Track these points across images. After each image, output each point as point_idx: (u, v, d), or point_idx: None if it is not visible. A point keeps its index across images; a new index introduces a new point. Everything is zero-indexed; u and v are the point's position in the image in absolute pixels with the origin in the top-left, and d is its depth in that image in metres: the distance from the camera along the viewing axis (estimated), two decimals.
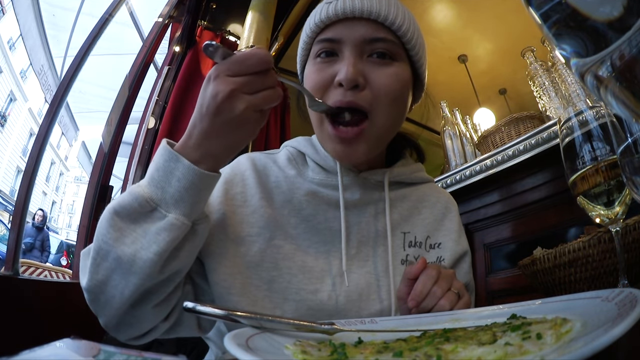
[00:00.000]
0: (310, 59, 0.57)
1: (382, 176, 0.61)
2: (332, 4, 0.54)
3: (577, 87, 1.15)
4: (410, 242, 0.60)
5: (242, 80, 0.41)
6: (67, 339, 0.31)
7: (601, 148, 0.49)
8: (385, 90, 0.53)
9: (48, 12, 9.67)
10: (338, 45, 0.54)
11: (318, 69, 0.55)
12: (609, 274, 0.56)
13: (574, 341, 0.22)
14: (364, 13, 0.52)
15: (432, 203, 0.65)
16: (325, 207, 0.58)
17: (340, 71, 0.52)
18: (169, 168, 0.43)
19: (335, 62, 0.54)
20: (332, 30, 0.54)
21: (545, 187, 1.09)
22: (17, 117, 15.18)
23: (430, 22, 2.58)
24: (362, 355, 0.28)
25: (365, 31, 0.53)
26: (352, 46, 0.53)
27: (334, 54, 0.54)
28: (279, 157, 0.64)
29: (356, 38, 0.53)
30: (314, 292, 0.53)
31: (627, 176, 0.35)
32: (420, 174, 0.67)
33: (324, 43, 0.55)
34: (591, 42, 0.18)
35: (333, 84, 0.53)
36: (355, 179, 0.60)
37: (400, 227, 0.61)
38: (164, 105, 1.75)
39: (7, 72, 13.66)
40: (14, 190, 13.93)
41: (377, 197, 0.61)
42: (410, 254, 0.59)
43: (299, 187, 0.59)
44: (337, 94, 0.52)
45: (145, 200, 0.43)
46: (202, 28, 1.87)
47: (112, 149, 1.38)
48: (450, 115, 1.70)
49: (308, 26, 0.58)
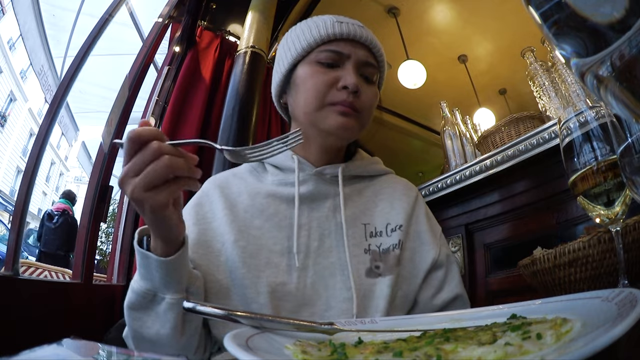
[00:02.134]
0: (309, 62, 0.66)
1: (336, 170, 0.67)
2: (344, 24, 0.65)
3: (577, 87, 1.15)
4: (372, 233, 0.66)
5: (127, 165, 0.44)
6: (67, 339, 0.31)
7: (601, 148, 0.49)
8: (369, 104, 0.67)
9: (48, 12, 9.67)
10: (342, 58, 0.65)
11: (321, 72, 0.64)
12: (609, 274, 0.56)
13: (574, 341, 0.22)
14: (367, 41, 0.66)
15: (389, 193, 0.71)
16: (285, 205, 0.65)
17: (345, 78, 0.63)
18: (145, 264, 0.49)
19: (335, 70, 0.64)
20: (339, 45, 0.65)
21: (545, 187, 1.09)
22: (17, 117, 15.18)
23: (430, 22, 2.58)
24: (362, 355, 0.28)
25: (364, 54, 0.66)
26: (355, 62, 0.65)
27: (335, 65, 0.65)
28: (240, 170, 0.72)
29: (358, 57, 0.65)
30: (282, 284, 0.59)
31: (627, 176, 0.35)
32: (377, 166, 0.75)
33: (330, 53, 0.64)
34: (591, 42, 0.18)
35: (336, 87, 0.63)
36: (311, 175, 0.66)
37: (359, 219, 0.66)
38: (164, 105, 1.75)
39: (7, 72, 13.65)
40: (14, 190, 13.93)
41: (333, 192, 0.67)
42: (372, 244, 0.64)
43: (259, 191, 0.66)
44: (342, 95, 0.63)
45: (144, 292, 0.50)
46: (202, 28, 1.86)
47: (112, 149, 1.38)
48: (450, 115, 1.70)
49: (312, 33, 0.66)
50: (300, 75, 0.66)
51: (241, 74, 1.67)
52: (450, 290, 0.65)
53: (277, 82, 0.71)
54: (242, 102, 1.61)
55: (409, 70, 2.58)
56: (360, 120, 0.65)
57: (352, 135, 0.67)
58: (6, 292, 0.94)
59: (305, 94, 0.64)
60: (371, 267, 0.62)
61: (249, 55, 1.71)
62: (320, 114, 0.64)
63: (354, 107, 0.63)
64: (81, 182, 22.03)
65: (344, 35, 0.64)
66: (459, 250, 1.30)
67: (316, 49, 0.65)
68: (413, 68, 2.57)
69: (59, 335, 0.31)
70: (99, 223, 1.32)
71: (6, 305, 0.92)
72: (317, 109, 0.64)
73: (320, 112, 0.64)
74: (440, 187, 1.35)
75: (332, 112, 0.63)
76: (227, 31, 1.94)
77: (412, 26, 2.55)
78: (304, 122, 0.66)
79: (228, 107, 1.62)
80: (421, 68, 2.57)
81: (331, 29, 0.64)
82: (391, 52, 2.69)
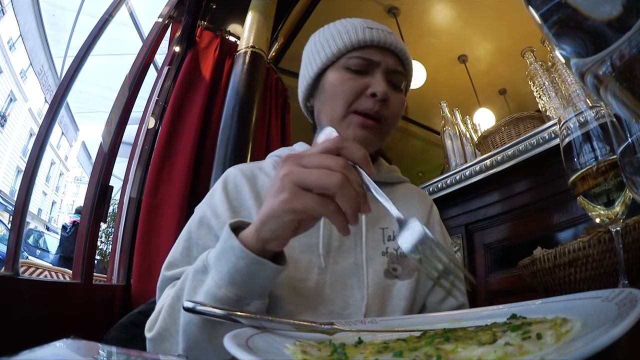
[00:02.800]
0: (338, 67, 0.66)
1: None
2: (374, 31, 0.65)
3: (577, 87, 1.15)
4: (389, 237, 0.66)
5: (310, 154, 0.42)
6: (67, 339, 0.31)
7: (601, 148, 0.49)
8: (396, 111, 0.67)
9: (48, 12, 9.65)
10: (372, 65, 0.65)
11: (351, 79, 0.64)
12: (609, 274, 0.56)
13: (574, 341, 0.22)
14: (396, 48, 0.66)
15: (406, 201, 0.72)
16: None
17: (375, 85, 0.63)
18: (254, 270, 0.44)
19: (364, 77, 0.64)
20: (370, 52, 0.65)
21: (545, 188, 1.09)
22: (17, 117, 15.17)
23: (430, 22, 2.58)
24: (362, 355, 0.28)
25: (393, 62, 0.66)
26: (384, 70, 0.65)
27: (364, 72, 0.65)
28: (265, 164, 0.72)
29: (388, 65, 0.65)
30: (302, 281, 0.59)
31: (627, 176, 0.35)
32: (395, 174, 0.76)
33: (360, 60, 0.64)
34: (591, 42, 0.18)
35: (365, 94, 0.63)
36: None
37: (378, 224, 0.67)
38: (164, 105, 1.75)
39: (7, 72, 13.65)
40: (14, 190, 13.93)
41: None
42: (389, 247, 0.65)
43: None
44: (370, 103, 0.63)
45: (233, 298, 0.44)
46: (202, 28, 1.86)
47: (112, 149, 1.38)
48: (450, 115, 1.70)
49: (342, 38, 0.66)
50: (329, 80, 0.66)
51: (241, 74, 1.67)
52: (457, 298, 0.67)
53: (304, 86, 0.71)
54: (242, 102, 1.61)
55: None
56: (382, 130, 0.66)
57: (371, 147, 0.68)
58: (6, 292, 0.94)
59: (333, 100, 0.65)
60: (389, 269, 0.63)
61: (249, 55, 1.71)
62: (344, 122, 0.64)
63: (381, 115, 0.64)
64: (81, 182, 22.04)
65: (374, 42, 0.64)
66: (459, 250, 1.30)
67: (346, 55, 0.65)
68: (413, 68, 2.57)
69: (59, 335, 0.31)
70: (99, 223, 1.32)
71: (6, 305, 0.92)
72: (342, 117, 0.64)
73: (344, 121, 0.64)
74: (440, 187, 1.35)
75: (354, 123, 0.64)
76: (227, 31, 1.94)
77: (412, 26, 2.55)
78: None
79: (228, 107, 1.62)
80: (421, 68, 2.57)
81: (362, 35, 0.65)
82: None
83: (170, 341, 0.48)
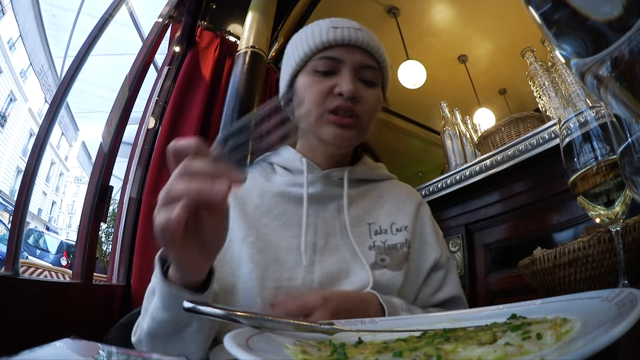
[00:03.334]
0: (307, 71, 0.67)
1: (343, 173, 0.70)
2: (338, 30, 0.65)
3: (577, 87, 1.15)
4: (376, 231, 0.67)
5: None
6: (67, 339, 0.31)
7: (601, 148, 0.49)
8: (370, 107, 0.67)
9: (48, 12, 9.65)
10: (338, 64, 0.65)
11: (318, 81, 0.65)
12: (609, 274, 0.56)
13: (574, 341, 0.22)
14: (363, 44, 0.65)
15: (393, 196, 0.73)
16: (293, 205, 0.67)
17: (341, 84, 0.63)
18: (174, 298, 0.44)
19: (332, 78, 0.65)
20: (335, 51, 0.65)
21: (545, 188, 1.09)
22: (17, 117, 15.17)
23: (430, 22, 2.58)
24: (362, 355, 0.28)
25: (361, 58, 0.65)
26: (351, 68, 0.65)
27: (332, 72, 0.65)
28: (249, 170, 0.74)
29: (355, 62, 0.65)
30: (289, 280, 0.60)
31: (627, 176, 0.35)
32: (381, 171, 0.77)
33: (326, 60, 0.65)
34: (591, 42, 0.18)
35: (332, 94, 0.64)
36: (319, 176, 0.68)
37: (364, 220, 0.68)
38: (164, 105, 1.75)
39: (7, 72, 13.65)
40: (14, 190, 13.92)
41: (339, 193, 0.69)
42: (376, 240, 0.66)
43: (268, 191, 0.68)
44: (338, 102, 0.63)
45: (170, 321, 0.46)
46: (202, 28, 1.86)
47: (112, 149, 1.38)
48: (450, 115, 1.70)
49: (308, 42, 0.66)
50: (299, 85, 0.67)
51: (241, 74, 1.67)
52: (449, 291, 0.68)
53: (282, 93, 0.73)
54: (242, 102, 1.61)
55: (409, 70, 2.58)
56: (359, 127, 0.66)
57: (351, 144, 0.69)
58: (6, 292, 0.94)
59: (305, 104, 0.66)
60: (376, 261, 0.64)
61: (249, 55, 1.71)
62: (319, 124, 0.65)
63: (353, 112, 0.64)
64: (81, 182, 22.04)
65: (337, 41, 0.64)
66: (459, 250, 1.30)
67: (313, 58, 0.66)
68: (413, 68, 2.57)
69: (59, 335, 0.31)
70: (99, 223, 1.32)
71: (6, 305, 0.92)
72: (316, 119, 0.65)
73: (319, 121, 0.65)
74: (440, 187, 1.35)
75: (330, 123, 0.64)
76: (227, 31, 1.94)
77: (412, 26, 2.55)
78: (307, 131, 0.69)
79: (228, 107, 1.62)
80: (421, 68, 2.57)
81: (325, 36, 0.65)
82: (391, 52, 2.68)
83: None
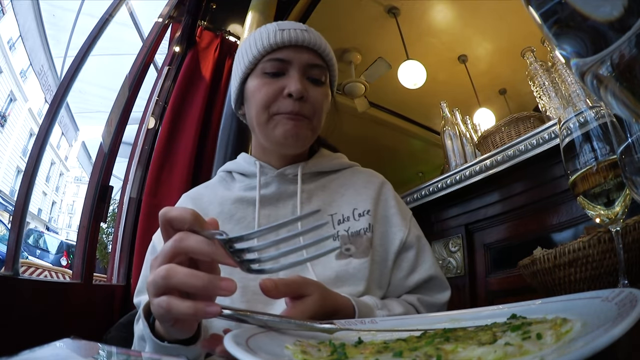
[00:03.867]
0: (256, 74, 0.68)
1: (296, 169, 0.70)
2: (285, 32, 0.66)
3: (577, 87, 1.15)
4: (339, 220, 0.67)
5: None
6: (67, 339, 0.31)
7: (601, 148, 0.49)
8: (319, 104, 0.68)
9: (48, 12, 9.65)
10: (286, 65, 0.66)
11: (267, 83, 0.66)
12: (609, 274, 0.56)
13: (574, 341, 0.22)
14: (310, 44, 0.67)
15: (353, 182, 0.73)
16: (252, 208, 0.68)
17: (290, 85, 0.64)
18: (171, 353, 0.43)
19: (281, 79, 0.66)
20: (282, 53, 0.66)
21: (545, 188, 1.09)
22: (17, 117, 15.18)
23: (430, 22, 2.58)
24: (362, 355, 0.28)
25: (308, 57, 0.67)
26: (299, 67, 0.66)
27: (281, 73, 0.66)
28: (211, 182, 0.77)
29: (302, 62, 0.66)
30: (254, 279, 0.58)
31: (627, 176, 0.35)
32: (340, 160, 0.76)
33: (274, 62, 0.66)
34: (591, 42, 0.18)
35: (282, 95, 0.65)
36: (273, 177, 0.70)
37: (326, 211, 0.68)
38: (164, 105, 1.75)
39: (7, 72, 13.66)
40: (14, 190, 13.92)
41: (295, 190, 0.69)
42: (340, 230, 0.66)
43: (228, 198, 0.69)
44: (287, 103, 0.65)
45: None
46: (202, 28, 1.86)
47: (112, 149, 1.38)
48: (450, 115, 1.70)
49: (257, 45, 0.67)
50: (249, 88, 0.68)
51: None
52: (424, 271, 0.67)
53: (233, 96, 0.74)
54: None
55: (409, 70, 2.58)
56: (310, 124, 0.67)
57: (304, 142, 0.70)
58: (6, 292, 0.94)
59: (255, 106, 0.67)
60: (341, 251, 0.64)
61: None
62: (268, 125, 0.66)
63: (302, 114, 0.65)
64: (81, 182, 22.05)
65: (285, 42, 0.66)
66: (459, 250, 1.30)
67: (261, 60, 0.67)
68: (413, 68, 2.57)
69: (59, 335, 0.31)
70: (99, 223, 1.32)
71: (6, 305, 0.92)
72: (265, 121, 0.66)
73: (269, 123, 0.66)
74: (440, 187, 1.35)
75: (280, 121, 0.65)
76: (227, 31, 1.94)
77: (412, 26, 2.55)
78: (259, 134, 0.70)
79: (228, 107, 1.62)
80: (421, 68, 2.57)
81: (273, 39, 0.66)
82: (391, 52, 2.70)
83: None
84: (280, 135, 0.66)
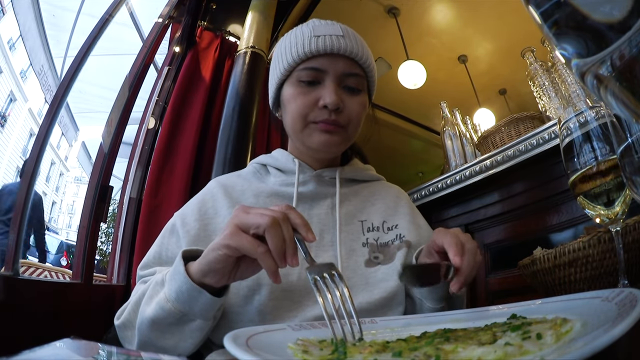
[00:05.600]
0: (292, 81, 0.67)
1: (334, 172, 0.72)
2: (320, 39, 0.65)
3: (577, 87, 1.15)
4: (369, 228, 0.69)
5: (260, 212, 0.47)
6: (67, 339, 0.31)
7: (601, 148, 0.49)
8: (355, 114, 0.67)
9: (48, 12, 9.64)
10: (321, 74, 0.65)
11: (303, 92, 0.65)
12: (609, 274, 0.56)
13: (574, 341, 0.22)
14: (346, 52, 0.65)
15: (383, 195, 0.75)
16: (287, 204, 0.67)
17: (325, 96, 0.63)
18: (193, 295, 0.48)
19: (316, 88, 0.65)
20: (318, 61, 0.65)
21: (545, 188, 1.09)
22: (17, 117, 15.17)
23: (430, 22, 2.58)
24: (362, 355, 0.28)
25: (344, 66, 0.65)
26: (334, 77, 0.65)
27: (316, 82, 0.65)
28: (244, 172, 0.76)
29: (337, 71, 0.65)
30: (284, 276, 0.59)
31: (627, 176, 0.35)
32: (370, 172, 0.79)
33: (310, 71, 0.65)
34: (591, 42, 0.18)
35: (317, 106, 0.64)
36: (311, 176, 0.71)
37: (356, 217, 0.70)
38: (164, 105, 1.74)
39: (7, 72, 13.65)
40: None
41: (331, 192, 0.71)
42: (369, 237, 0.68)
43: (263, 191, 0.70)
44: (323, 113, 0.64)
45: (177, 313, 0.50)
46: (202, 28, 1.86)
47: (112, 149, 1.38)
48: (450, 115, 1.70)
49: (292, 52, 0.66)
50: (285, 95, 0.68)
51: (241, 74, 1.67)
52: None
53: (271, 100, 0.74)
54: (242, 102, 1.61)
55: (409, 70, 2.58)
56: (345, 134, 0.67)
57: (338, 150, 0.71)
58: (6, 292, 0.94)
59: (290, 114, 0.67)
60: (370, 258, 0.65)
61: (249, 56, 1.71)
62: (304, 132, 0.67)
63: (338, 123, 0.65)
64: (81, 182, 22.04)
65: (320, 51, 0.64)
66: None
67: (296, 68, 0.66)
68: (413, 68, 2.57)
69: (59, 335, 0.31)
70: (99, 223, 1.32)
71: (6, 305, 0.92)
72: (301, 129, 0.67)
73: (305, 131, 0.67)
74: (440, 187, 1.35)
75: (315, 130, 0.66)
76: (227, 31, 1.94)
77: (412, 26, 2.55)
78: (294, 139, 0.71)
79: (228, 107, 1.62)
80: (421, 68, 2.57)
81: (308, 47, 0.65)
82: (391, 52, 2.70)
83: (132, 331, 0.55)
84: (314, 143, 0.66)
